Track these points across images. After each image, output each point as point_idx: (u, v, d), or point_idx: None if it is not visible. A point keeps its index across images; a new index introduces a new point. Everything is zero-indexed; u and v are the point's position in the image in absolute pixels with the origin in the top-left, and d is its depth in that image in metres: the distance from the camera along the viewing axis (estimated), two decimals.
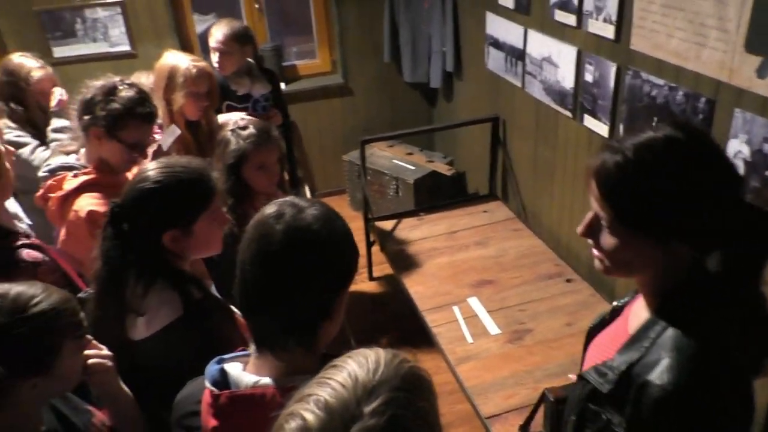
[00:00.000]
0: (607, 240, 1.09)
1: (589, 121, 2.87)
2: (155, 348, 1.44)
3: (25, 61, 2.79)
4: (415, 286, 3.17)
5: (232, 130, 2.16)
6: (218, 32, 3.07)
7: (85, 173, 1.95)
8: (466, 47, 4.13)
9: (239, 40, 3.10)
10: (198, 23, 4.45)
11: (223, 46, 3.06)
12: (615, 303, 1.34)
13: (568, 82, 2.99)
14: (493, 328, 2.82)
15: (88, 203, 1.89)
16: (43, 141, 2.71)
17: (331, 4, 4.43)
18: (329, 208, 1.09)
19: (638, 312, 1.18)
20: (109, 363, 1.34)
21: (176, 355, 1.42)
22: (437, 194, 4.25)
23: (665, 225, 1.03)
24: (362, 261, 3.95)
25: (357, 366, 0.76)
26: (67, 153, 2.10)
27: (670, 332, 1.05)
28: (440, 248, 3.47)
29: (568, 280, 3.10)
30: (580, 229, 1.15)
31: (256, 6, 4.41)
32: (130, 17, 4.05)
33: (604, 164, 1.06)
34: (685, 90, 2.25)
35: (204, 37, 3.78)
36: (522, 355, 2.66)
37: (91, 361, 1.30)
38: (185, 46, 4.14)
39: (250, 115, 2.99)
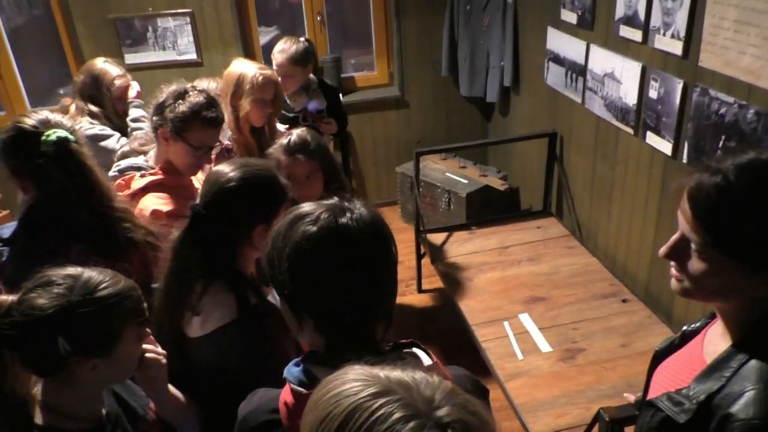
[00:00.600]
0: (695, 264, 1.04)
1: (652, 139, 2.81)
2: (207, 348, 1.48)
3: (110, 69, 2.92)
4: (466, 300, 3.15)
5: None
6: (280, 57, 3.14)
7: (152, 174, 2.03)
8: (525, 62, 4.11)
9: (300, 62, 3.17)
10: (262, 35, 4.58)
11: (284, 69, 3.14)
12: (686, 327, 1.27)
13: (630, 98, 2.93)
14: (544, 346, 2.77)
15: (153, 202, 1.97)
16: (124, 133, 2.85)
17: (392, 17, 4.49)
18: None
19: (715, 339, 1.12)
20: (163, 360, 1.37)
21: (226, 356, 1.45)
22: (489, 209, 4.23)
23: (764, 253, 0.98)
24: (411, 273, 3.95)
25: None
26: (142, 152, 2.19)
27: (755, 363, 1.00)
28: (491, 263, 3.44)
29: (624, 301, 3.02)
30: (663, 250, 1.09)
31: (318, 18, 4.51)
32: (198, 27, 4.20)
33: (700, 186, 1.00)
34: (757, 108, 2.18)
35: (267, 47, 3.87)
36: (574, 375, 2.60)
37: (147, 354, 1.34)
38: (249, 57, 4.25)
39: (298, 125, 3.03)
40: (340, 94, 4.52)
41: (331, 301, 0.99)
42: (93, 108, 2.86)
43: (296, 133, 2.16)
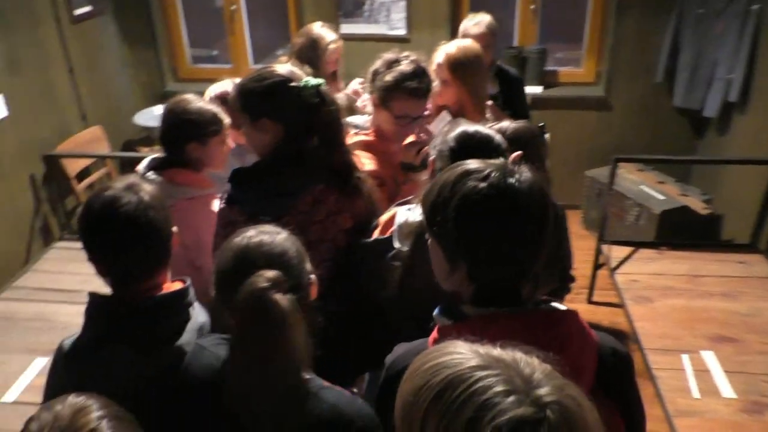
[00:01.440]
0: None
1: None
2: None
3: (326, 34, 3.12)
4: (643, 321, 2.91)
5: None
6: (476, 29, 3.12)
7: (365, 134, 2.12)
8: (760, 78, 3.65)
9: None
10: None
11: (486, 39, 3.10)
12: None
13: None
14: (726, 391, 2.47)
15: (355, 159, 2.04)
16: None
17: (610, 15, 4.24)
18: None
19: None
20: None
21: None
22: (683, 232, 3.85)
23: None
24: (585, 282, 3.74)
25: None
26: (366, 113, 2.31)
27: None
28: (678, 289, 3.14)
29: None
30: None
31: (532, 7, 4.39)
32: (411, 4, 4.30)
33: None
34: None
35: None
36: (757, 431, 2.29)
37: None
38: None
39: None
40: (539, 87, 4.40)
41: (489, 255, 1.06)
42: (307, 69, 3.05)
43: (513, 126, 2.10)
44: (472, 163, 1.10)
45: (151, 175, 1.99)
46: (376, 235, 1.67)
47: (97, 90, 4.28)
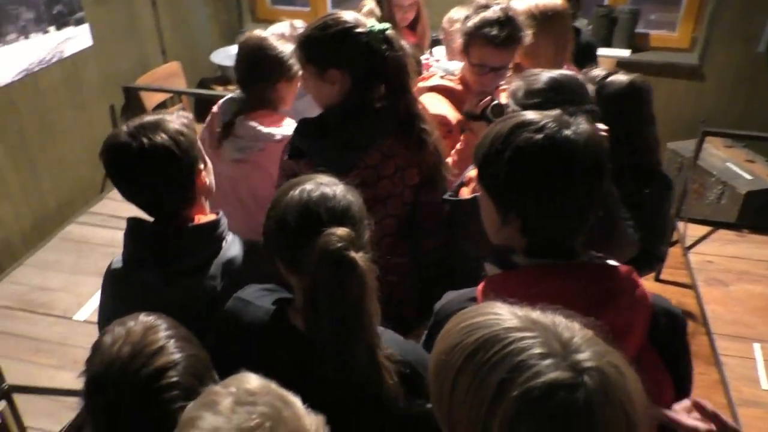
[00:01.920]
0: None
1: None
2: None
3: None
4: (714, 304, 2.77)
5: None
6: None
7: (450, 79, 2.06)
8: None
9: None
10: None
11: None
12: None
13: None
14: None
15: (429, 102, 2.01)
16: None
17: None
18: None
19: None
20: None
21: None
22: None
23: None
24: None
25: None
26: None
27: None
28: (756, 275, 2.96)
29: None
30: None
31: None
32: None
33: None
34: None
35: None
36: None
37: None
38: None
39: None
40: (626, 51, 4.16)
41: (542, 208, 1.04)
42: (377, 11, 2.98)
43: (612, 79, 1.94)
44: (528, 114, 1.07)
45: (242, 119, 1.98)
46: (466, 193, 1.62)
47: (178, 26, 4.33)
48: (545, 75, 1.46)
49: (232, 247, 1.39)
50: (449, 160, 1.88)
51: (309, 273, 1.04)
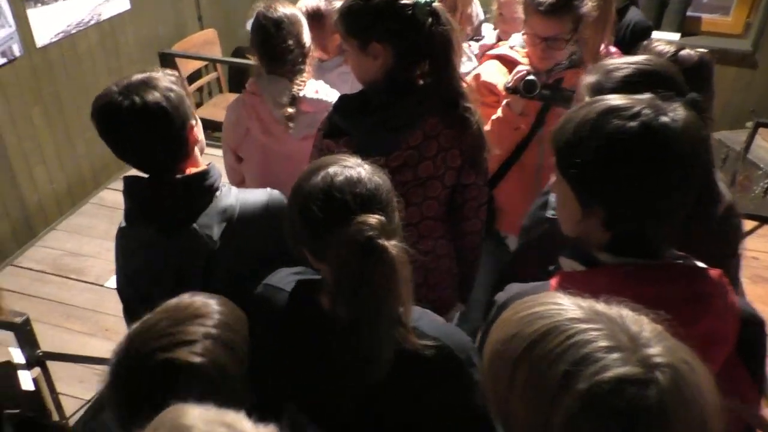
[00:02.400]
0: None
1: None
2: None
3: None
4: (759, 303, 2.64)
5: None
6: None
7: (517, 51, 2.00)
8: None
9: None
10: None
11: None
12: None
13: None
14: None
15: (486, 70, 1.99)
16: None
17: None
18: None
19: None
20: None
21: None
22: None
23: None
24: None
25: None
26: None
27: None
28: None
29: None
30: None
31: None
32: None
33: None
34: None
35: None
36: None
37: None
38: None
39: None
40: (676, 35, 4.00)
41: (632, 200, 0.96)
42: None
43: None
44: (615, 99, 0.98)
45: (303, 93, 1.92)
46: None
47: None
48: (629, 61, 1.32)
49: (226, 197, 1.37)
50: (487, 127, 1.84)
51: (338, 263, 0.98)
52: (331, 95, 1.95)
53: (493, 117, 1.96)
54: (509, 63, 1.99)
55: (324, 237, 1.00)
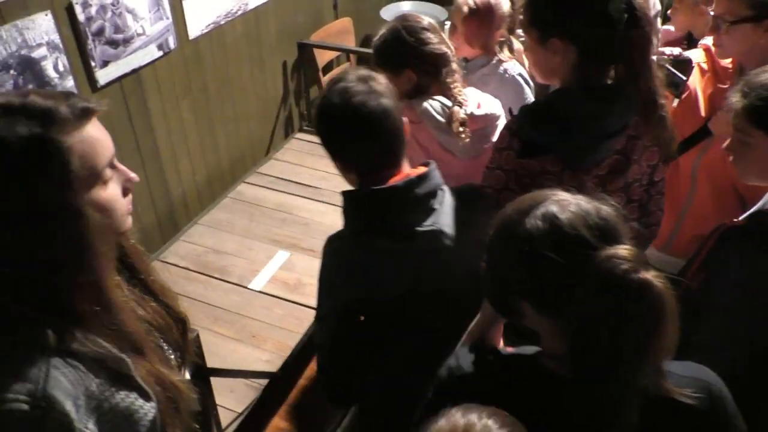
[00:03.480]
0: None
1: None
2: None
3: None
4: None
5: None
6: None
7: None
8: None
9: None
10: None
11: None
12: None
13: None
14: None
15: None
16: None
17: None
18: None
19: None
20: None
21: None
22: None
23: None
24: None
25: None
26: None
27: None
28: None
29: None
30: None
31: None
32: None
33: None
34: None
35: None
36: None
37: None
38: None
39: None
40: None
41: None
42: None
43: None
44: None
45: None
46: None
47: None
48: None
49: (448, 192, 1.35)
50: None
51: (583, 310, 0.84)
52: (495, 106, 1.77)
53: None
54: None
55: (563, 282, 0.86)
